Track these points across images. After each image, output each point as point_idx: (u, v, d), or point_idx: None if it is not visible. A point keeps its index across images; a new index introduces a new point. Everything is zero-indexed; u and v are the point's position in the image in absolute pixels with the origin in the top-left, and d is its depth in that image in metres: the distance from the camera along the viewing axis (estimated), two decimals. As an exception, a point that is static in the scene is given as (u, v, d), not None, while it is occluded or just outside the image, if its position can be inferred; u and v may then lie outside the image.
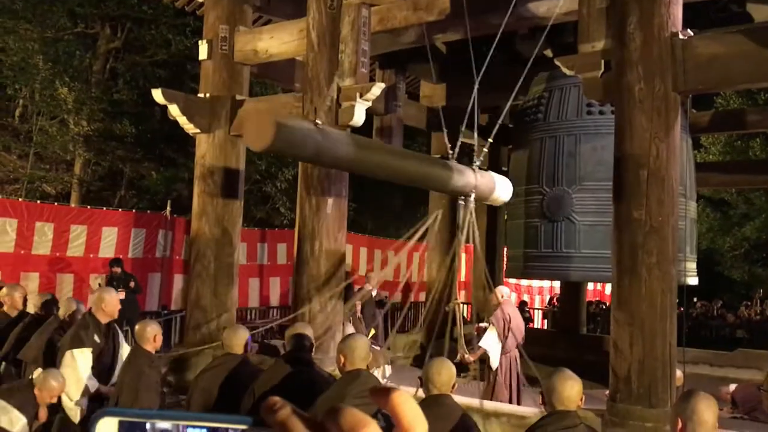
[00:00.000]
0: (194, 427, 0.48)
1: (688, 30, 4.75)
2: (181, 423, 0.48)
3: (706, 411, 2.56)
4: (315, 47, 6.35)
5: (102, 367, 4.62)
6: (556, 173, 7.28)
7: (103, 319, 4.70)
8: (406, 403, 0.47)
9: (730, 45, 4.57)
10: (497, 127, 5.15)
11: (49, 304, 5.61)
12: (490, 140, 4.77)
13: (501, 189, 4.65)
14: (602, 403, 4.86)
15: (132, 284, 9.82)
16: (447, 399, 3.29)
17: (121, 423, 0.49)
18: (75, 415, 4.45)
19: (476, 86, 4.80)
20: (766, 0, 6.90)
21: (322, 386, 3.71)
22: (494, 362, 6.45)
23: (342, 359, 3.50)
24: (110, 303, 4.74)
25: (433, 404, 3.26)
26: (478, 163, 4.51)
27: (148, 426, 0.48)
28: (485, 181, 4.49)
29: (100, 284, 10.03)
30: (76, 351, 4.48)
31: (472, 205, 4.40)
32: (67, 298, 5.84)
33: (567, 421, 2.78)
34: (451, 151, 4.46)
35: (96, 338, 4.60)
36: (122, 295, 9.55)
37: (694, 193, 7.78)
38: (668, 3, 4.66)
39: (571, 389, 2.75)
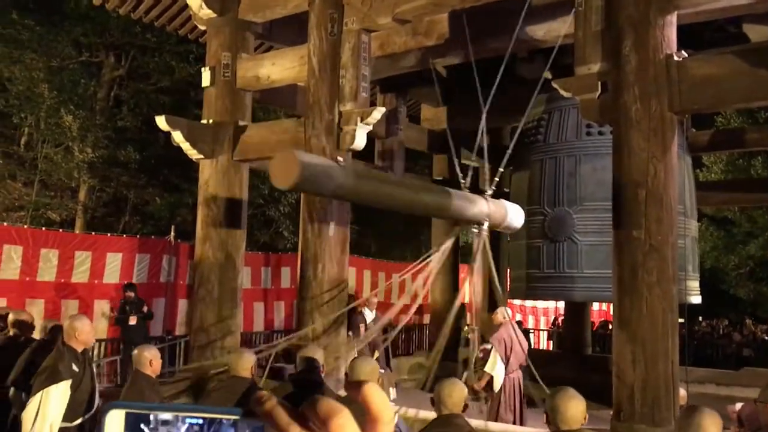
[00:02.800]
0: (192, 417, 0.54)
1: (683, 51, 4.83)
2: (181, 414, 0.53)
3: (711, 426, 2.55)
4: (316, 73, 6.44)
5: (81, 396, 4.60)
6: (557, 194, 7.33)
7: (78, 348, 4.68)
8: (376, 393, 0.53)
9: (723, 66, 4.64)
10: (507, 154, 5.26)
11: (56, 330, 5.64)
12: (501, 169, 4.89)
13: (513, 216, 4.74)
14: (608, 424, 4.85)
15: (145, 309, 9.89)
16: (458, 419, 3.32)
17: (127, 414, 0.54)
18: None
19: (484, 114, 4.90)
20: (762, 20, 6.99)
21: None
22: (497, 384, 6.45)
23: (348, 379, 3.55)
24: (84, 331, 4.72)
25: (444, 424, 3.29)
26: (489, 191, 4.61)
27: (151, 417, 0.54)
28: (498, 210, 4.59)
29: (112, 309, 10.09)
30: (51, 389, 4.44)
31: (485, 234, 4.50)
32: (44, 321, 5.82)
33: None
34: (462, 181, 4.59)
35: (74, 367, 4.58)
36: (134, 321, 9.64)
37: (694, 212, 7.81)
38: (662, 25, 4.74)
39: (574, 408, 2.76)
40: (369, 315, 9.37)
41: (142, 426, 0.53)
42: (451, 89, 9.29)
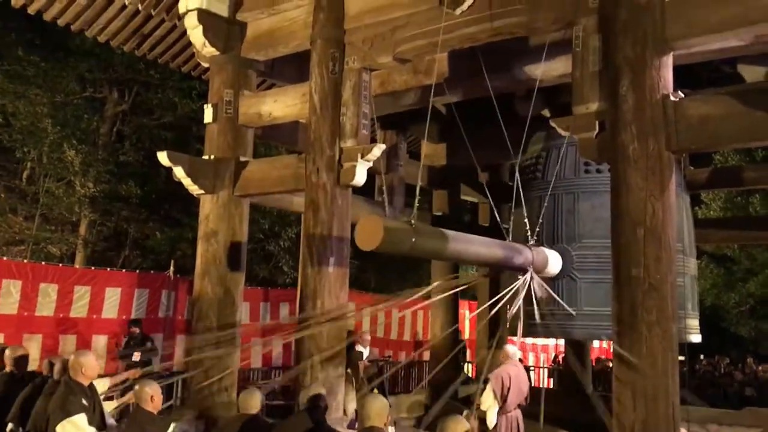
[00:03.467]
0: None
1: (679, 92, 4.89)
2: None
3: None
4: (317, 110, 6.52)
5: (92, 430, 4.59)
6: (556, 231, 7.34)
7: (85, 382, 4.70)
8: None
9: (719, 106, 4.69)
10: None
11: (50, 366, 5.62)
12: (540, 220, 5.18)
13: (553, 263, 5.08)
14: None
15: (149, 345, 9.86)
16: None
17: None
18: None
19: (515, 181, 5.27)
20: (756, 61, 7.09)
21: None
22: (491, 421, 6.38)
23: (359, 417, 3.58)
24: (89, 366, 4.75)
25: None
26: (532, 241, 4.89)
27: None
28: (540, 258, 4.96)
29: (117, 344, 10.04)
30: (73, 419, 4.44)
31: (528, 279, 4.77)
32: (49, 358, 5.80)
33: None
34: (504, 230, 5.03)
35: (84, 402, 4.58)
36: (137, 357, 9.59)
37: (693, 250, 7.81)
38: (659, 66, 4.81)
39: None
40: (364, 351, 9.31)
41: None
42: (450, 126, 9.39)
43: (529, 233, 4.87)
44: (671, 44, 4.85)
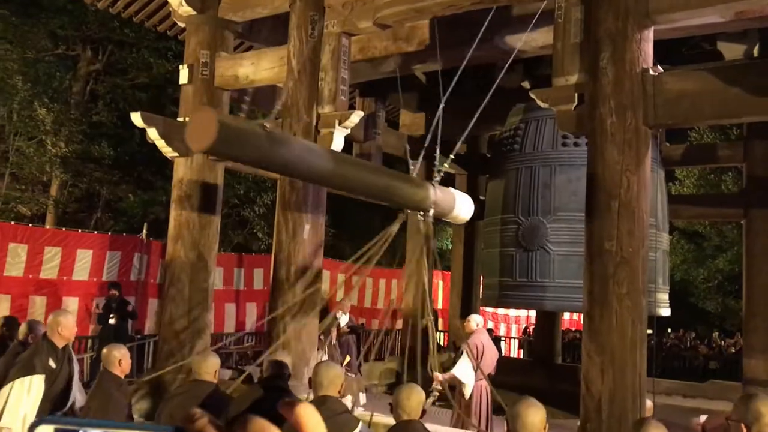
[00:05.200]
0: None
1: (659, 66, 4.88)
2: (111, 430, 0.51)
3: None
4: (295, 74, 6.42)
5: (55, 393, 4.54)
6: (532, 203, 7.37)
7: (60, 343, 4.63)
8: (309, 414, 0.51)
9: (698, 82, 4.70)
10: (458, 146, 5.02)
11: (12, 327, 5.55)
12: (452, 156, 4.69)
13: (461, 207, 4.48)
14: (574, 433, 4.88)
15: (130, 308, 9.81)
16: (416, 425, 3.31)
17: (56, 430, 0.51)
18: None
19: (441, 105, 4.74)
20: (735, 39, 7.11)
21: None
22: (467, 391, 6.44)
23: (312, 385, 3.53)
24: (66, 327, 4.67)
25: (402, 430, 3.28)
26: (438, 178, 4.36)
27: None
28: (445, 197, 4.30)
29: (97, 305, 9.96)
30: (24, 380, 4.38)
31: (430, 221, 4.28)
32: (28, 320, 5.70)
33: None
34: (412, 167, 4.34)
35: (51, 363, 4.52)
36: (113, 321, 9.53)
37: (666, 225, 7.91)
38: (639, 40, 4.79)
39: (534, 416, 2.78)
40: (344, 319, 9.36)
41: None
42: (430, 95, 9.32)
43: (435, 170, 4.31)
44: (653, 18, 4.83)
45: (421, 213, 4.07)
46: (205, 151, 2.96)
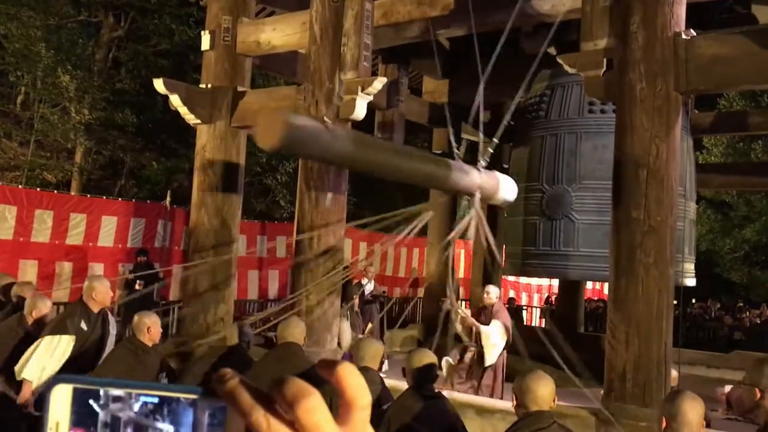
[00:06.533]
0: (147, 395, 0.48)
1: (691, 30, 4.74)
2: (134, 391, 0.48)
3: (691, 411, 2.55)
4: (317, 40, 6.34)
5: (86, 355, 4.63)
6: (557, 171, 7.27)
7: (95, 308, 4.70)
8: (351, 375, 0.48)
9: (732, 46, 4.55)
10: (502, 127, 5.08)
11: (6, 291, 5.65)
12: (496, 140, 4.70)
13: (505, 189, 4.53)
14: (598, 402, 4.86)
15: (160, 275, 9.89)
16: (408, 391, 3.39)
17: (75, 390, 0.48)
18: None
19: (482, 85, 4.73)
20: (771, 2, 6.88)
21: (453, 419, 3.62)
22: (491, 359, 6.44)
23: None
24: (101, 292, 4.74)
25: (411, 397, 3.36)
26: (483, 163, 4.41)
27: (101, 393, 0.48)
28: (490, 181, 4.36)
29: (126, 271, 10.07)
30: (52, 338, 4.47)
31: (477, 205, 4.34)
32: (31, 296, 5.21)
33: (541, 422, 2.78)
34: (457, 150, 4.40)
35: (83, 326, 4.60)
36: (140, 287, 9.61)
37: (694, 194, 7.77)
38: (672, 2, 4.65)
39: (544, 389, 2.76)
40: (368, 286, 9.39)
41: (90, 402, 0.48)
42: (455, 61, 9.18)
43: (480, 155, 4.42)
44: (686, -21, 4.68)
45: (468, 197, 4.12)
46: (274, 150, 3.13)
